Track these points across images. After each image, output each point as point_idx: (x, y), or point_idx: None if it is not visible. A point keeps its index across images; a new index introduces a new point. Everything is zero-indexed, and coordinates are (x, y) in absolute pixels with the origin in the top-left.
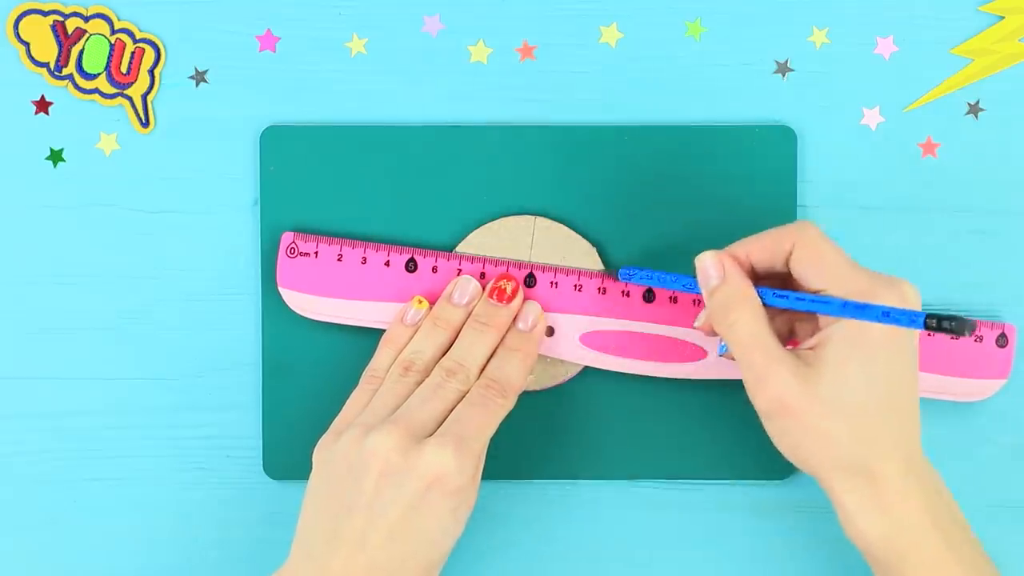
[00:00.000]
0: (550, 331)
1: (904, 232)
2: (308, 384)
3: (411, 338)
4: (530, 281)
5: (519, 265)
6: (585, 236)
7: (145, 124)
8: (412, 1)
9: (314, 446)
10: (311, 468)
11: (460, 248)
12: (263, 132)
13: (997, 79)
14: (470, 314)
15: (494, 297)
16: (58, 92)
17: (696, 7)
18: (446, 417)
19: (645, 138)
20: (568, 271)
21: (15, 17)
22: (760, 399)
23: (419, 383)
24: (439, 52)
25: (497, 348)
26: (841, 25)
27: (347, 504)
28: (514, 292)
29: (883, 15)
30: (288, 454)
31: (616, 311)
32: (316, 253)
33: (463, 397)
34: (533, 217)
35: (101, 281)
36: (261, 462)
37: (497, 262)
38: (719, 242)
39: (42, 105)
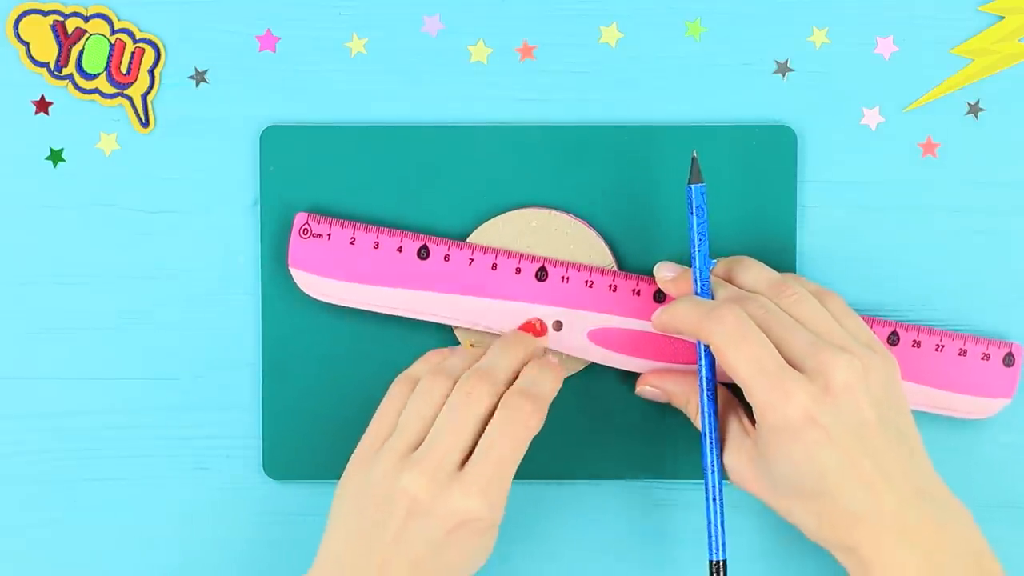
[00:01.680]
0: (558, 325)
1: (904, 232)
2: (308, 384)
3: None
4: (541, 275)
5: (531, 258)
6: None
7: (145, 124)
8: (412, 1)
9: (305, 447)
10: (344, 475)
11: (473, 237)
12: (263, 132)
13: (997, 79)
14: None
15: (521, 329)
16: (58, 92)
17: (696, 7)
18: (476, 437)
19: (645, 138)
20: (580, 267)
21: (15, 17)
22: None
23: (450, 389)
24: (439, 52)
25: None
26: (841, 25)
27: (374, 534)
28: (542, 328)
29: (883, 15)
30: (288, 454)
31: (626, 310)
32: (329, 235)
33: (493, 410)
34: (549, 211)
35: (101, 281)
36: (261, 462)
37: (510, 253)
38: (718, 242)
39: (42, 105)
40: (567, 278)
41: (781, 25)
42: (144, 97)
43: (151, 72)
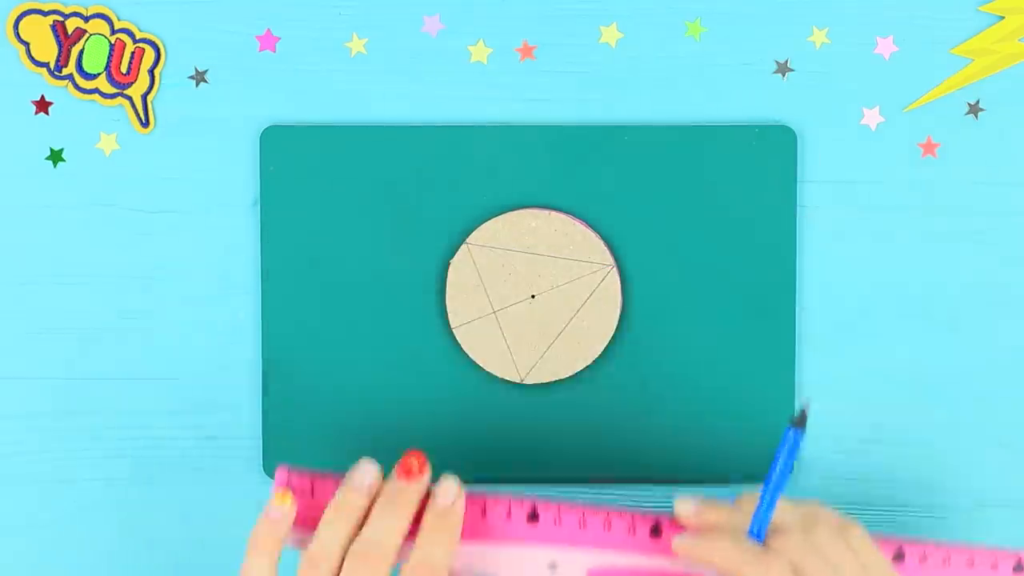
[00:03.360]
0: (552, 565)
1: (904, 232)
2: (308, 384)
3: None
4: (532, 517)
5: (520, 501)
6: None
7: (145, 124)
8: (412, 1)
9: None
10: None
11: (473, 237)
12: (263, 132)
13: (997, 79)
14: (374, 500)
15: (401, 475)
16: (58, 92)
17: (696, 7)
18: None
19: (645, 138)
20: (572, 506)
21: (15, 17)
22: None
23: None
24: (439, 52)
25: (417, 532)
26: (841, 25)
27: None
28: (421, 467)
29: (883, 15)
30: (288, 454)
31: (623, 545)
32: (311, 492)
33: None
34: (549, 211)
35: (101, 281)
36: (261, 462)
37: (499, 498)
38: (718, 243)
39: (42, 105)
40: (559, 520)
41: (781, 25)
42: (144, 97)
43: (151, 72)
